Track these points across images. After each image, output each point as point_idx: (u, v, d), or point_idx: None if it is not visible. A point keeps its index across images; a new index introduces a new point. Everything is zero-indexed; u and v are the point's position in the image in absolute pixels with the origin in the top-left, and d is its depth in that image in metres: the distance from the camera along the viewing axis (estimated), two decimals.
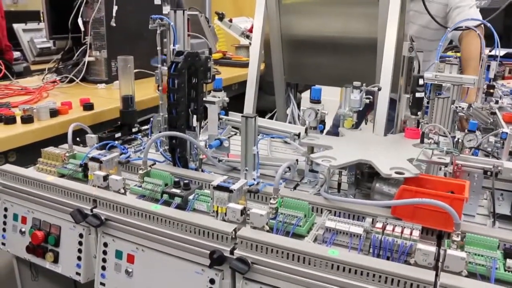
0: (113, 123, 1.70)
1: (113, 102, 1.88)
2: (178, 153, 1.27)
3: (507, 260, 0.83)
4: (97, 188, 1.14)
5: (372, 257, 0.87)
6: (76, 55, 2.29)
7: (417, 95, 1.27)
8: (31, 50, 3.21)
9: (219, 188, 1.01)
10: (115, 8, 2.16)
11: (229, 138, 1.36)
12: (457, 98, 1.31)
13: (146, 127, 1.56)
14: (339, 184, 1.18)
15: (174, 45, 1.30)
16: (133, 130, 1.57)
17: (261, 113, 1.37)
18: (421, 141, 1.17)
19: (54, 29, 2.32)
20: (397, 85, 1.36)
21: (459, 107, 1.28)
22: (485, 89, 1.52)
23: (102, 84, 2.24)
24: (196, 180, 1.20)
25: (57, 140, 1.52)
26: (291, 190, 1.19)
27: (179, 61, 1.19)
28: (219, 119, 1.37)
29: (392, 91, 1.40)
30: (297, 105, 2.03)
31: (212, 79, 1.33)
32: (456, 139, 1.23)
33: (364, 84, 1.24)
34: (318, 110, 1.23)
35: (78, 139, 1.44)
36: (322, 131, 1.29)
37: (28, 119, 1.58)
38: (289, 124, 1.61)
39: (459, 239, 0.86)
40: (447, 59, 1.34)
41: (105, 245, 1.11)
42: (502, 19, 2.90)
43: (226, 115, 1.42)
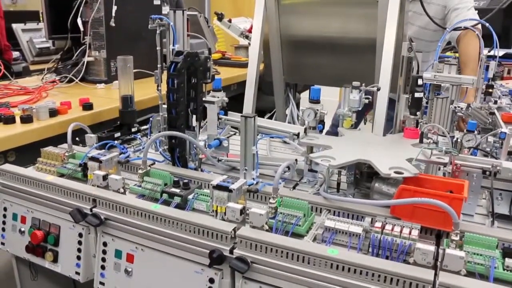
0: (112, 123, 1.70)
1: (112, 102, 1.88)
2: (178, 152, 1.27)
3: (505, 259, 0.83)
4: (96, 187, 1.14)
5: (371, 256, 0.87)
6: (76, 55, 2.28)
7: (416, 95, 1.27)
8: (30, 50, 3.20)
9: (218, 187, 1.01)
10: (114, 8, 2.16)
11: (228, 138, 1.37)
12: (456, 98, 1.32)
13: (146, 127, 1.55)
14: (338, 184, 1.18)
15: (173, 45, 1.30)
16: (132, 130, 1.57)
17: (260, 113, 1.37)
18: (420, 141, 1.17)
19: (54, 29, 2.32)
20: (396, 85, 1.36)
21: (458, 107, 1.28)
22: (484, 89, 1.53)
23: (101, 84, 2.24)
24: (196, 180, 1.21)
25: (56, 140, 1.52)
26: (290, 190, 1.19)
27: (178, 61, 1.19)
28: (218, 119, 1.37)
29: (391, 91, 1.40)
30: (296, 105, 2.04)
31: (211, 79, 1.33)
32: (455, 139, 1.23)
33: (363, 84, 1.24)
34: (317, 110, 1.24)
35: (77, 139, 1.44)
36: (321, 131, 1.29)
37: (27, 119, 1.58)
38: (289, 124, 1.61)
39: (458, 238, 0.86)
40: (446, 59, 1.35)
41: (104, 244, 1.11)
42: (501, 20, 2.90)
43: (226, 115, 1.42)
